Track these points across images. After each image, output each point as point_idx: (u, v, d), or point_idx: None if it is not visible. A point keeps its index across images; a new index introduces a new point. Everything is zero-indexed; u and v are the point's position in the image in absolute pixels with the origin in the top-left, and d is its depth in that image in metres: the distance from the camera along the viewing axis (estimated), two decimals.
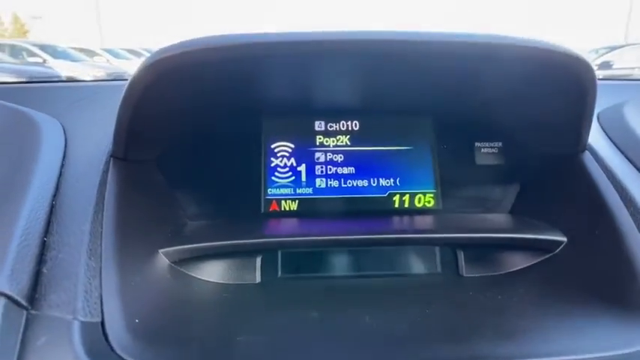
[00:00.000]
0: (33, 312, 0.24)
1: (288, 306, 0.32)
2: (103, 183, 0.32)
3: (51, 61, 6.64)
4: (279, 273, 0.37)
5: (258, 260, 0.36)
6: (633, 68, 8.02)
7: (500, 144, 0.43)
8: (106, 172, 0.33)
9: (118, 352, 0.23)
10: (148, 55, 0.29)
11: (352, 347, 0.26)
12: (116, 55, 8.83)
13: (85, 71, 5.87)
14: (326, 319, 0.29)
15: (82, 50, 8.37)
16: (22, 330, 0.23)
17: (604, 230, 0.32)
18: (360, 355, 0.25)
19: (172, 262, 0.33)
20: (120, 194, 0.32)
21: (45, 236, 0.27)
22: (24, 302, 0.24)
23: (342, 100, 0.42)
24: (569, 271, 0.33)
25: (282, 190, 0.42)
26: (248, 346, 0.25)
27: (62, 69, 5.98)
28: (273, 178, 0.42)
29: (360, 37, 0.29)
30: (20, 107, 0.41)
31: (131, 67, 7.56)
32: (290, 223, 0.40)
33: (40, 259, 0.26)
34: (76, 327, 0.23)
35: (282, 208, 0.42)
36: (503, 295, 0.32)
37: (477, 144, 0.43)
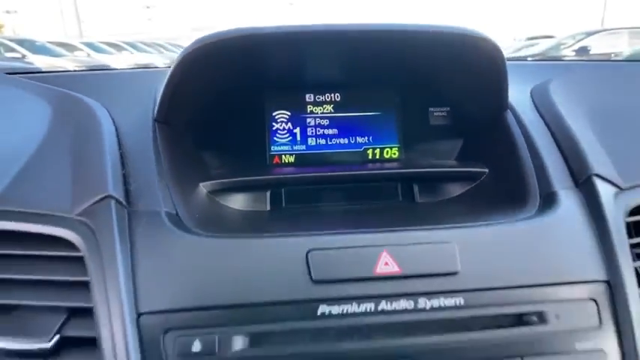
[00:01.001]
0: (131, 209, 0.37)
1: (290, 222, 0.46)
2: (155, 139, 0.45)
3: (30, 57, 6.58)
4: (284, 203, 0.51)
5: (268, 194, 0.50)
6: (609, 54, 8.25)
7: (447, 109, 0.57)
8: (154, 132, 0.46)
9: (193, 229, 0.36)
10: (131, 48, 0.42)
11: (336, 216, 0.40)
12: (97, 49, 8.72)
13: (66, 66, 5.86)
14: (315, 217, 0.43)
15: (61, 44, 8.24)
16: (126, 221, 0.35)
17: (512, 164, 0.46)
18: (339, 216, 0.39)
19: (208, 192, 0.46)
20: (167, 143, 0.45)
21: (123, 168, 0.40)
22: (125, 202, 0.36)
23: (326, 77, 0.55)
24: (488, 191, 0.47)
25: (282, 147, 0.55)
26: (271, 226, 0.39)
27: (42, 64, 5.96)
28: (275, 138, 0.56)
29: (333, 28, 0.42)
30: (72, 93, 0.53)
31: (113, 61, 7.50)
32: (289, 170, 0.53)
33: (125, 178, 0.39)
34: (163, 215, 0.36)
35: (283, 161, 0.55)
36: (442, 208, 0.46)
37: (430, 109, 0.57)
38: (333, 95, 0.57)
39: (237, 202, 0.48)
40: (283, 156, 0.55)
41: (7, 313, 0.33)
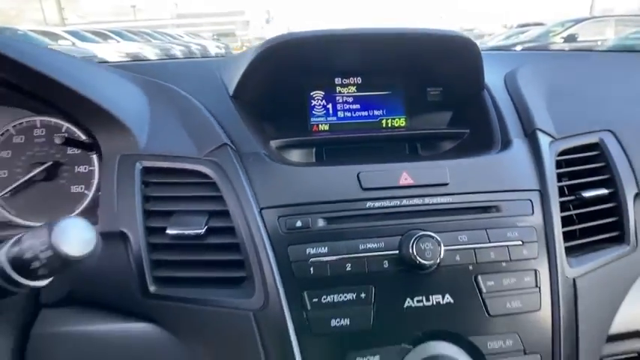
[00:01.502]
0: (240, 151, 0.56)
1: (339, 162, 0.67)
2: (235, 108, 0.64)
3: None
4: (324, 157, 0.71)
5: (313, 151, 0.70)
6: (596, 41, 8.52)
7: (440, 89, 0.78)
8: (233, 104, 0.65)
9: (285, 161, 0.56)
10: (117, 37, 0.61)
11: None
12: (82, 38, 8.72)
13: None
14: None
15: (44, 33, 8.22)
16: (238, 158, 0.55)
17: (484, 126, 0.67)
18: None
19: (276, 147, 0.66)
20: (243, 113, 0.64)
21: (221, 127, 0.59)
22: (234, 147, 0.56)
23: (351, 66, 0.75)
24: (468, 144, 0.68)
25: (319, 118, 0.76)
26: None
27: None
28: (313, 112, 0.76)
29: (362, 32, 0.62)
30: (156, 80, 0.72)
31: (99, 49, 7.54)
32: (325, 134, 0.74)
33: (226, 133, 0.58)
34: (262, 154, 0.56)
35: (320, 129, 0.75)
36: (437, 157, 0.67)
37: (428, 89, 0.78)
38: (355, 79, 0.77)
39: (293, 156, 0.69)
40: (320, 125, 0.76)
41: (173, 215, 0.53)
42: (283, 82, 0.72)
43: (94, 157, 0.67)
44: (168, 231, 0.51)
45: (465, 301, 0.49)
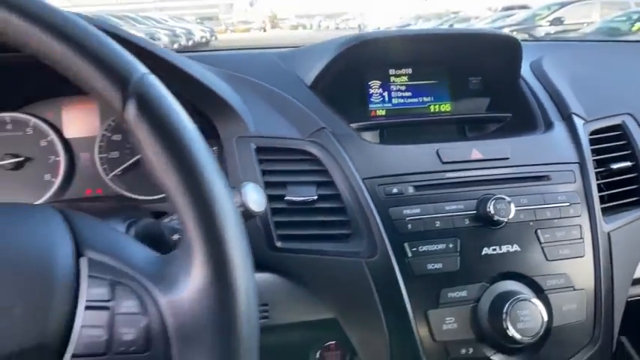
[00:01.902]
0: (342, 133, 0.69)
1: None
2: (315, 95, 0.76)
3: None
4: (385, 136, 0.84)
5: (377, 133, 0.83)
6: (582, 24, 8.71)
7: (480, 78, 0.91)
8: (312, 92, 0.77)
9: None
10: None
11: None
12: None
13: None
14: None
15: None
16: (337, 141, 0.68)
17: (526, 110, 0.81)
18: None
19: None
20: (323, 101, 0.77)
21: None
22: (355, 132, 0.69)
23: (403, 58, 0.88)
24: (512, 127, 0.82)
25: (376, 105, 0.88)
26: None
27: None
28: (371, 99, 0.88)
29: (420, 32, 0.75)
30: (237, 73, 0.83)
31: None
32: (382, 119, 0.86)
33: None
34: (355, 135, 0.69)
35: (377, 114, 0.88)
36: (485, 137, 0.81)
37: (470, 78, 0.91)
38: (407, 70, 0.90)
39: (365, 137, 0.82)
40: (377, 110, 0.88)
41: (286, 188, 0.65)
42: (348, 74, 0.85)
43: None
44: (287, 197, 0.63)
45: (528, 249, 0.63)
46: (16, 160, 0.74)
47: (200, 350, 0.32)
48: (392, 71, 0.89)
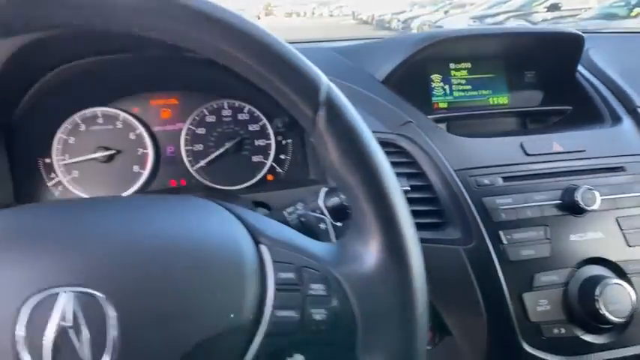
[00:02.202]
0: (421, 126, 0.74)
1: None
2: (388, 90, 0.81)
3: None
4: (450, 128, 0.89)
5: (445, 125, 0.88)
6: (580, 9, 8.76)
7: (533, 72, 0.96)
8: (385, 86, 0.82)
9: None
10: None
11: None
12: None
13: None
14: None
15: None
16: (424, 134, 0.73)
17: (588, 103, 0.86)
18: None
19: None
20: (397, 95, 0.81)
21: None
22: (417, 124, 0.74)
23: (464, 53, 0.93)
24: (574, 119, 0.87)
25: (439, 98, 0.93)
26: None
27: None
28: (433, 92, 0.93)
29: (489, 31, 0.79)
30: None
31: None
32: (444, 110, 0.91)
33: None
34: (442, 127, 0.74)
35: (439, 106, 0.93)
36: (548, 130, 0.86)
37: (525, 72, 0.96)
38: (466, 64, 0.94)
39: None
40: (440, 103, 0.93)
41: None
42: (412, 69, 0.89)
43: (270, 131, 0.83)
44: None
45: (611, 236, 0.68)
46: (108, 152, 0.78)
47: (385, 327, 0.37)
48: (452, 65, 0.94)
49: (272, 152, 0.83)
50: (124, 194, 0.79)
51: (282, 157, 0.85)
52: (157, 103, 0.82)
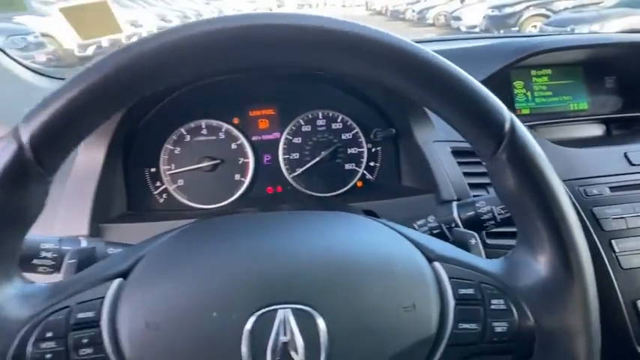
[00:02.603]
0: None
1: None
2: None
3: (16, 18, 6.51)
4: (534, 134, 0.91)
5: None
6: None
7: (615, 77, 0.98)
8: None
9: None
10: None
11: None
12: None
13: None
14: None
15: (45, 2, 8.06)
16: None
17: None
18: None
19: None
20: None
21: None
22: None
23: (546, 61, 0.95)
24: None
25: (521, 104, 0.95)
26: None
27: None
28: (516, 99, 0.95)
29: (575, 40, 0.81)
30: None
31: None
32: (527, 117, 0.93)
33: None
34: (544, 140, 0.76)
35: (521, 112, 0.95)
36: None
37: (605, 77, 0.98)
38: (547, 71, 0.96)
39: None
40: (522, 109, 0.95)
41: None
42: (498, 77, 0.91)
43: (363, 140, 0.86)
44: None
45: None
46: (213, 162, 0.82)
47: (562, 337, 0.40)
48: (533, 72, 0.96)
49: (364, 160, 0.87)
50: (225, 203, 0.83)
51: (372, 164, 0.87)
52: (256, 114, 0.85)
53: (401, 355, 0.38)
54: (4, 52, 0.87)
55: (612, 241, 0.67)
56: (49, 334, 0.36)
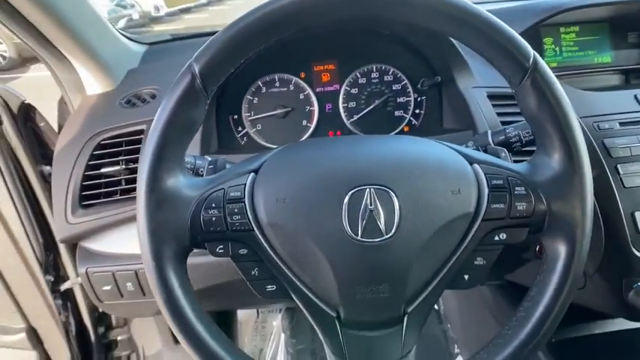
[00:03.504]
0: None
1: None
2: None
3: None
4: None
5: None
6: None
7: (637, 32, 1.09)
8: None
9: None
10: None
11: None
12: None
13: None
14: None
15: None
16: None
17: None
18: None
19: None
20: None
21: None
22: None
23: (574, 19, 1.07)
24: None
25: (550, 58, 1.08)
26: None
27: None
28: (545, 54, 1.08)
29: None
30: None
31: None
32: (555, 69, 1.07)
33: None
34: None
35: (549, 66, 1.08)
36: None
37: (628, 33, 1.09)
38: (575, 28, 1.09)
39: None
40: (551, 63, 1.09)
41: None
42: (529, 34, 1.05)
43: (411, 90, 1.02)
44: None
45: None
46: (285, 110, 1.00)
47: (566, 213, 0.56)
48: (562, 29, 1.09)
49: (411, 108, 1.02)
50: None
51: (418, 111, 1.03)
52: (319, 68, 1.02)
53: (449, 225, 0.55)
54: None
55: (618, 165, 0.82)
56: (213, 205, 0.55)
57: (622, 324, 1.02)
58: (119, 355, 1.36)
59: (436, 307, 1.72)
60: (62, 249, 1.11)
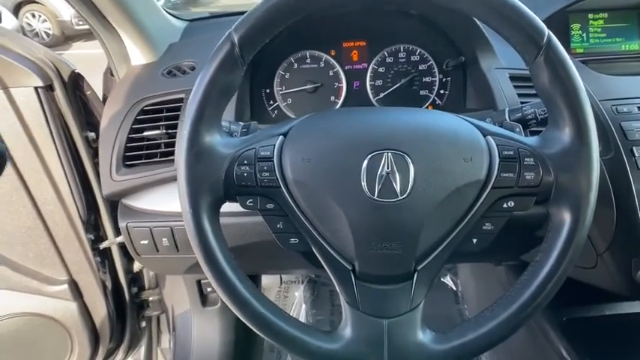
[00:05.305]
0: None
1: None
2: None
3: None
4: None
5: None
6: None
7: None
8: None
9: None
10: None
11: None
12: None
13: None
14: None
15: None
16: None
17: None
18: None
19: None
20: None
21: None
22: None
23: (603, 6, 1.09)
24: None
25: (577, 44, 1.11)
26: None
27: None
28: (572, 39, 1.11)
29: None
30: None
31: None
32: (581, 55, 1.10)
33: None
34: None
35: (576, 52, 1.11)
36: None
37: None
38: (604, 14, 1.11)
39: None
40: (577, 49, 1.11)
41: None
42: (556, 20, 1.08)
43: (436, 70, 1.07)
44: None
45: None
46: (314, 85, 1.06)
47: (572, 186, 0.60)
48: (590, 15, 1.11)
49: (436, 87, 1.07)
50: None
51: (442, 92, 1.08)
52: (348, 46, 1.08)
53: (460, 190, 0.61)
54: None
55: (633, 147, 0.85)
56: (245, 162, 0.62)
57: (633, 307, 1.06)
58: (150, 314, 1.47)
59: (454, 287, 1.77)
60: (103, 210, 1.21)
